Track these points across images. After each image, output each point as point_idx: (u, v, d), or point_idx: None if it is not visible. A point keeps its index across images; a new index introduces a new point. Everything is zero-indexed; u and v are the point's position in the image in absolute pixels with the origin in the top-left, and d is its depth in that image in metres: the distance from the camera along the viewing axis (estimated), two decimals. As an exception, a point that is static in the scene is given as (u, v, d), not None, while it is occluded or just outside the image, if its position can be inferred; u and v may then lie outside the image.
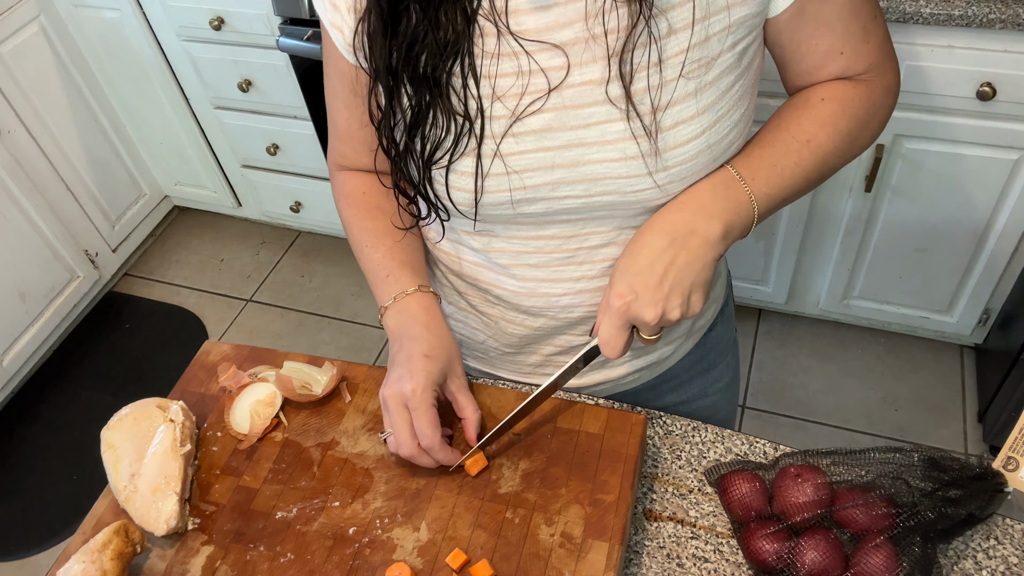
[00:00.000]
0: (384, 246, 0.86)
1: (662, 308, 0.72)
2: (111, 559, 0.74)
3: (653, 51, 0.67)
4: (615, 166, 0.71)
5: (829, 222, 1.91)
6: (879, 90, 0.78)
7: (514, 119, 0.71)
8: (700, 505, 0.81)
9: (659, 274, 0.72)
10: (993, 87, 1.52)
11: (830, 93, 0.77)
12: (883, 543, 0.70)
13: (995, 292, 1.89)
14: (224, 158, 2.49)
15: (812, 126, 0.76)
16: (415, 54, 0.69)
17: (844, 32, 0.74)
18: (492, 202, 0.75)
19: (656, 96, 0.69)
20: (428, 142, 0.73)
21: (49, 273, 2.34)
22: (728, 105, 0.72)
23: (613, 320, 0.74)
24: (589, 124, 0.70)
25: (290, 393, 0.87)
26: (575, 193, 0.74)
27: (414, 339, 0.80)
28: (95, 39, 2.29)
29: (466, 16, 0.68)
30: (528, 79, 0.69)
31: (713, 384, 1.04)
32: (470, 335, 0.97)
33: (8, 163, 2.16)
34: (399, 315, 0.83)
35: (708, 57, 0.69)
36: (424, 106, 0.71)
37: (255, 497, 0.82)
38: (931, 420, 2.04)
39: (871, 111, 0.78)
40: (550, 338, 0.90)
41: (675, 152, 0.71)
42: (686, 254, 0.72)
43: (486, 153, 0.72)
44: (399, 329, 0.82)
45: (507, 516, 0.77)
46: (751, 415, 2.11)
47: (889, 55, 0.78)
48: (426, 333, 0.81)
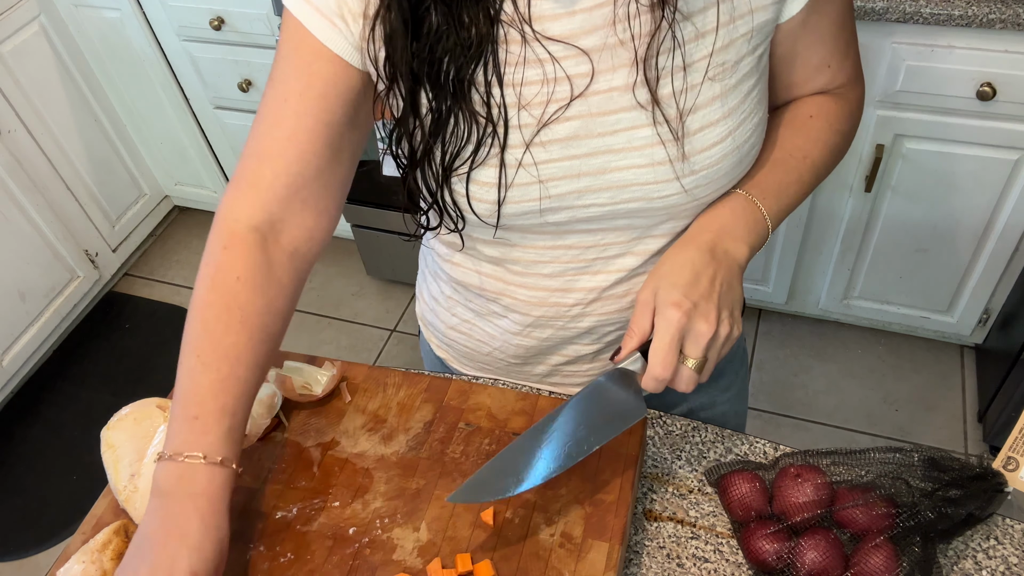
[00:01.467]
0: (217, 373, 0.70)
1: (715, 319, 0.69)
2: (111, 559, 0.74)
3: (678, 55, 0.67)
4: (642, 172, 0.71)
5: (829, 222, 1.91)
6: (854, 103, 0.82)
7: (540, 127, 0.70)
8: (700, 505, 0.81)
9: (706, 287, 0.70)
10: (993, 87, 1.53)
11: (816, 109, 0.80)
12: (883, 543, 0.70)
13: (995, 292, 1.89)
14: (224, 158, 2.50)
15: (807, 144, 0.78)
16: (438, 57, 0.67)
17: (833, 46, 0.77)
18: (516, 212, 0.73)
19: (682, 100, 0.69)
20: (448, 149, 0.70)
21: (49, 273, 2.34)
22: (750, 108, 0.72)
23: (669, 330, 0.68)
24: (616, 131, 0.70)
25: (290, 393, 0.87)
26: (600, 201, 0.73)
27: (182, 537, 0.66)
28: (95, 39, 2.29)
29: (489, 17, 0.66)
30: (553, 87, 0.68)
31: (721, 394, 1.03)
32: (475, 347, 0.95)
33: (8, 163, 2.16)
34: (178, 482, 0.68)
35: (732, 61, 0.69)
36: (445, 111, 0.69)
37: (255, 497, 0.82)
38: (931, 420, 2.04)
39: (851, 124, 0.82)
40: (558, 348, 0.89)
41: (703, 156, 0.71)
42: (724, 272, 0.71)
43: (510, 162, 0.71)
44: (168, 506, 0.68)
45: (507, 516, 0.77)
46: (751, 415, 2.12)
47: (859, 69, 0.82)
48: (200, 534, 0.66)
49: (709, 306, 0.69)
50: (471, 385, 0.89)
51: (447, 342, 0.99)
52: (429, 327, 1.02)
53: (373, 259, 2.47)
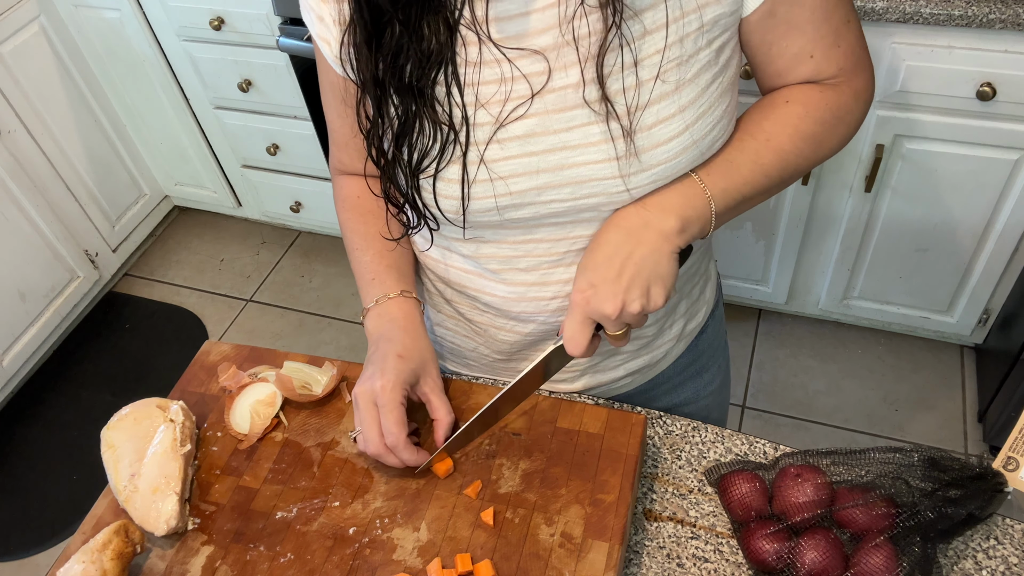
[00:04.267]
0: (373, 249, 0.88)
1: (621, 301, 0.72)
2: (111, 559, 0.74)
3: (627, 53, 0.68)
4: (598, 168, 0.72)
5: (829, 222, 1.91)
6: (848, 94, 0.78)
7: (498, 125, 0.71)
8: (700, 505, 0.81)
9: (617, 267, 0.72)
10: (993, 87, 1.52)
11: (795, 96, 0.78)
12: (883, 543, 0.70)
13: (995, 292, 1.89)
14: (224, 158, 2.49)
15: (772, 126, 0.77)
16: (400, 65, 0.70)
17: (815, 35, 0.74)
18: (479, 208, 0.75)
19: (633, 97, 0.69)
20: (415, 151, 0.74)
21: (49, 273, 2.34)
22: (709, 101, 0.72)
23: (574, 315, 0.75)
24: (571, 127, 0.71)
25: (290, 393, 0.87)
26: (561, 197, 0.74)
27: (390, 340, 0.82)
28: (95, 39, 2.29)
29: (448, 26, 0.68)
30: (511, 85, 0.70)
31: (705, 387, 1.04)
32: (461, 343, 0.97)
33: (8, 163, 2.16)
34: (379, 318, 0.85)
35: (685, 55, 0.69)
36: (411, 116, 0.72)
37: (255, 497, 0.82)
38: (931, 420, 2.04)
39: (838, 115, 0.78)
40: (541, 343, 0.90)
41: (659, 150, 0.71)
42: (642, 248, 0.72)
43: (472, 160, 0.73)
44: (377, 331, 0.84)
45: (507, 516, 0.77)
46: (751, 415, 2.12)
47: (861, 59, 0.78)
48: (402, 335, 0.83)
49: (615, 287, 0.72)
50: (471, 385, 0.89)
51: (434, 339, 1.00)
52: None
53: (373, 259, 2.46)
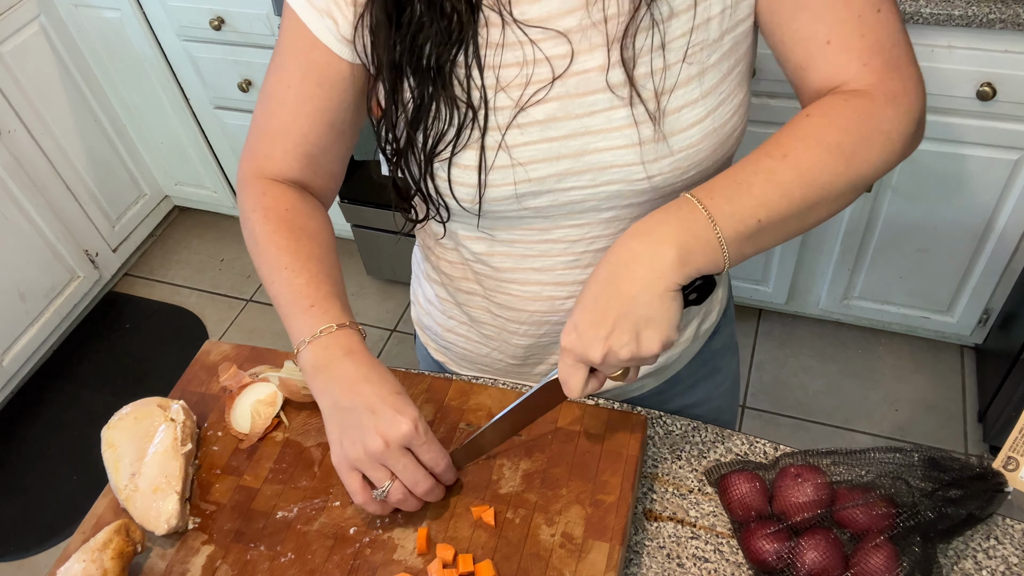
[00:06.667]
0: (308, 272, 0.77)
1: (606, 347, 0.65)
2: (112, 558, 0.74)
3: (655, 35, 0.67)
4: (621, 153, 0.71)
5: (829, 222, 1.91)
6: (881, 99, 0.68)
7: (518, 109, 0.70)
8: (700, 505, 0.81)
9: (601, 310, 0.65)
10: (993, 87, 1.52)
11: (815, 108, 0.69)
12: (883, 543, 0.70)
13: (995, 292, 1.89)
14: (224, 158, 2.49)
15: (789, 140, 0.67)
16: (419, 44, 0.68)
17: (831, 19, 0.68)
18: (496, 196, 0.73)
19: (660, 80, 0.68)
20: (431, 134, 0.71)
21: (49, 273, 2.34)
22: (730, 88, 0.71)
23: (563, 358, 0.69)
24: (594, 112, 0.70)
25: (291, 393, 0.87)
26: (581, 184, 0.73)
27: (368, 380, 0.73)
28: (95, 39, 2.29)
29: (470, 4, 0.67)
30: (532, 68, 0.69)
31: (717, 387, 1.04)
32: (474, 349, 0.95)
33: (8, 163, 2.16)
34: (327, 351, 0.74)
35: (710, 39, 0.69)
36: (427, 98, 0.70)
37: (256, 497, 0.82)
38: (931, 420, 2.04)
39: (869, 123, 0.67)
40: (556, 345, 0.89)
41: (681, 136, 0.70)
42: (632, 286, 0.64)
43: (490, 145, 0.71)
44: (327, 369, 0.74)
45: (508, 516, 0.77)
46: (751, 415, 2.12)
47: (895, 59, 0.69)
48: (376, 374, 0.73)
49: (598, 332, 0.65)
50: (472, 385, 0.89)
51: (445, 345, 0.99)
52: (426, 331, 1.02)
53: (373, 259, 2.46)
